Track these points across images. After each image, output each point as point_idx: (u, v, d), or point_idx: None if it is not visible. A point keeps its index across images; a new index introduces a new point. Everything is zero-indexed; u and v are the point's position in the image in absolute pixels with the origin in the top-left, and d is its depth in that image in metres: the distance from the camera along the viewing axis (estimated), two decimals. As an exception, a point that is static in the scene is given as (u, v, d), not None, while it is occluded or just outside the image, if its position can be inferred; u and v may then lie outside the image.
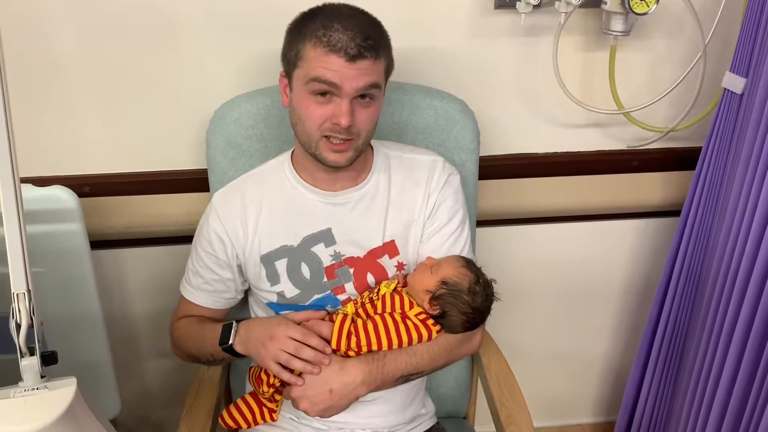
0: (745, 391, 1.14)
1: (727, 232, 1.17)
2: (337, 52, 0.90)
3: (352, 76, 0.91)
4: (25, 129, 1.21)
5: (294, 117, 0.99)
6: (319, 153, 0.98)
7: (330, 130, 0.95)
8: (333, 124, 0.94)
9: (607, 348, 1.69)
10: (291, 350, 0.94)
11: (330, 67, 0.90)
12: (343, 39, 0.90)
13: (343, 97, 0.92)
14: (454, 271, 1.00)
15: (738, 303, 1.14)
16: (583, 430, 1.80)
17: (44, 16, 1.15)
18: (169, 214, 1.31)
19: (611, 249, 1.54)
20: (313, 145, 0.97)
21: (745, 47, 1.15)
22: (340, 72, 0.90)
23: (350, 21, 0.91)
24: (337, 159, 0.97)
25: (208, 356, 1.06)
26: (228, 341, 0.99)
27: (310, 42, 0.91)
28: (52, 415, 0.68)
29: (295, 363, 0.94)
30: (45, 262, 1.11)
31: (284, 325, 0.97)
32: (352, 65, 0.90)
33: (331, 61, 0.90)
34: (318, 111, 0.94)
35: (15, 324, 0.72)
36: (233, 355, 1.01)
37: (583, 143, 1.41)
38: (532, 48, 1.28)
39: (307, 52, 0.92)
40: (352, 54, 0.90)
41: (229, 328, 1.01)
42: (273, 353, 0.94)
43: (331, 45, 0.90)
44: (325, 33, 0.90)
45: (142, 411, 1.58)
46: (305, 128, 0.96)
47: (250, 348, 0.98)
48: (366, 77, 0.92)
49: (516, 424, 1.10)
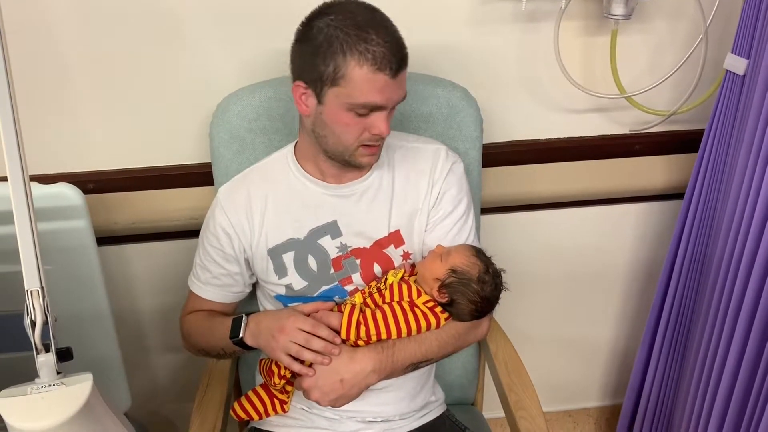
0: (751, 374, 1.14)
1: (731, 214, 1.17)
2: (384, 70, 0.88)
3: (394, 90, 0.92)
4: (28, 127, 1.20)
5: (324, 129, 0.95)
6: (354, 159, 0.98)
7: (369, 140, 0.95)
8: (373, 135, 0.94)
9: (613, 332, 1.70)
10: (301, 341, 0.95)
11: (379, 88, 0.89)
12: (387, 55, 0.88)
13: (385, 110, 0.93)
14: (464, 259, 1.00)
15: (743, 285, 1.14)
16: (590, 414, 1.82)
17: (48, 14, 1.15)
18: (173, 209, 1.32)
19: (615, 233, 1.55)
20: (347, 154, 0.97)
21: (747, 28, 1.14)
22: (386, 91, 0.90)
23: (382, 29, 0.89)
24: (371, 161, 1.00)
25: (219, 350, 1.07)
26: (238, 334, 1.00)
27: (353, 58, 0.87)
28: (69, 411, 0.69)
29: (306, 354, 0.95)
30: (52, 260, 1.11)
31: (293, 317, 0.97)
32: (395, 80, 0.90)
33: (378, 80, 0.89)
34: (358, 126, 0.94)
35: (30, 321, 0.73)
36: (244, 348, 1.01)
37: (586, 128, 1.41)
38: (533, 34, 1.28)
39: (350, 70, 0.88)
40: (395, 69, 0.89)
41: (239, 321, 1.01)
42: (283, 345, 0.95)
43: (377, 62, 0.87)
44: (368, 48, 0.87)
45: (153, 405, 1.59)
46: (341, 141, 0.96)
47: (260, 340, 0.99)
48: (403, 87, 0.94)
49: (525, 409, 1.10)
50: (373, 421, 1.07)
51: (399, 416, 1.09)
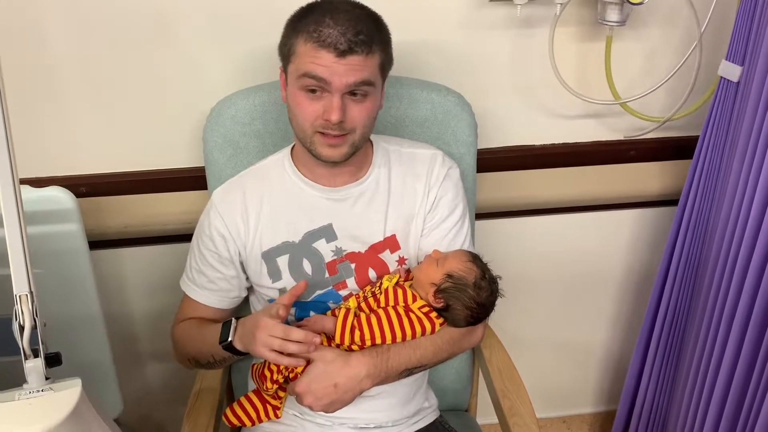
0: (746, 379, 1.14)
1: (725, 220, 1.18)
2: (327, 48, 0.89)
3: (342, 71, 0.90)
4: (20, 130, 1.20)
5: (290, 112, 0.99)
6: (314, 148, 0.97)
7: (322, 126, 0.95)
8: (324, 120, 0.94)
9: (607, 338, 1.70)
10: (280, 334, 0.91)
11: (320, 63, 0.90)
12: (333, 34, 0.89)
13: (333, 92, 0.92)
14: (460, 265, 1.00)
15: (737, 291, 1.14)
16: (585, 420, 1.81)
17: (39, 17, 1.14)
18: (166, 213, 1.31)
19: (609, 239, 1.55)
20: (308, 140, 0.97)
21: (741, 35, 1.15)
22: (329, 68, 0.90)
23: (343, 16, 0.91)
24: (331, 154, 0.97)
25: (209, 357, 1.05)
26: (228, 338, 0.98)
27: (302, 37, 0.92)
28: (58, 417, 0.68)
29: (290, 346, 0.91)
30: (44, 264, 1.10)
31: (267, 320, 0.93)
32: (342, 60, 0.90)
33: (320, 57, 0.90)
34: (310, 107, 0.94)
35: (18, 326, 0.72)
36: (233, 353, 0.99)
37: (580, 134, 1.41)
38: (527, 40, 1.28)
39: (298, 47, 0.92)
40: (342, 49, 0.89)
41: (228, 325, 1.00)
42: (264, 341, 0.91)
43: (321, 40, 0.89)
44: (316, 28, 0.90)
45: (144, 410, 1.57)
46: (299, 123, 0.97)
47: (246, 342, 0.96)
48: (357, 73, 0.91)
49: (519, 415, 1.10)
50: (365, 427, 1.07)
51: (392, 422, 1.08)
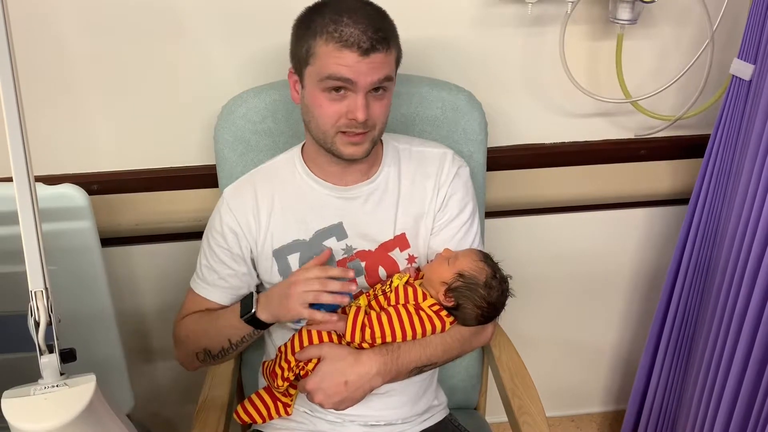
0: (756, 379, 1.14)
1: (736, 220, 1.17)
2: (350, 47, 0.89)
3: (366, 70, 0.91)
4: (33, 128, 1.21)
5: (307, 114, 0.98)
6: (336, 148, 0.97)
7: (346, 125, 0.95)
8: (349, 120, 0.94)
9: (617, 337, 1.69)
10: (317, 287, 0.93)
11: (344, 63, 0.90)
12: (355, 33, 0.89)
13: (358, 91, 0.92)
14: (471, 264, 1.00)
15: (748, 291, 1.14)
16: (594, 419, 1.81)
17: (53, 16, 1.15)
18: (178, 211, 1.32)
19: (619, 238, 1.54)
20: (328, 141, 0.97)
21: (753, 33, 1.14)
22: (354, 67, 0.90)
23: (359, 13, 0.91)
24: (354, 152, 0.98)
25: (224, 343, 1.05)
26: (251, 309, 0.99)
27: (321, 38, 0.91)
28: (72, 412, 0.69)
29: (324, 297, 0.93)
30: (56, 260, 1.10)
31: (301, 270, 0.97)
32: (366, 59, 0.90)
33: (344, 57, 0.90)
34: (332, 108, 0.94)
35: (33, 322, 0.73)
36: (256, 326, 1.00)
37: (591, 133, 1.40)
38: (538, 38, 1.28)
39: (318, 48, 0.91)
40: (365, 48, 0.89)
41: (250, 298, 1.01)
42: (299, 296, 0.93)
43: (344, 40, 0.89)
44: (336, 28, 0.90)
45: (155, 407, 1.58)
46: (319, 125, 0.96)
47: (272, 307, 0.97)
48: (380, 70, 0.92)
49: (529, 414, 1.10)
50: (375, 425, 1.07)
51: (401, 420, 1.09)
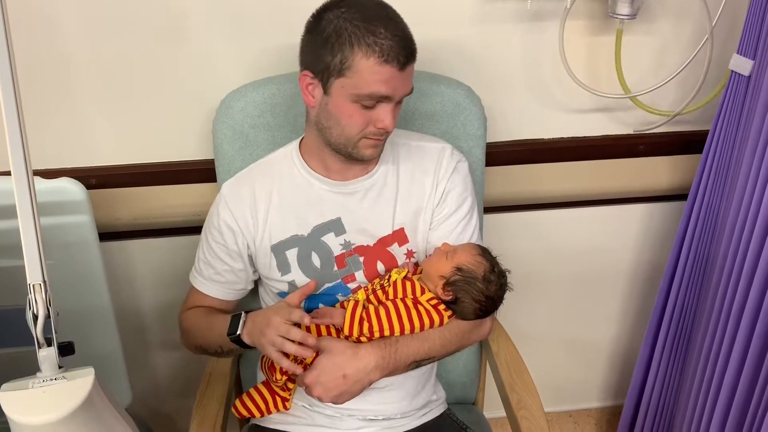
0: (754, 376, 1.14)
1: (734, 216, 1.17)
2: (391, 63, 0.89)
3: (402, 83, 0.92)
4: (32, 122, 1.21)
5: (329, 120, 0.96)
6: (357, 151, 0.98)
7: (374, 133, 0.95)
8: (378, 128, 0.94)
9: (615, 333, 1.70)
10: (283, 333, 0.91)
11: (384, 79, 0.90)
12: (395, 47, 0.88)
13: (391, 103, 0.93)
14: (470, 258, 1.00)
15: (746, 287, 1.14)
16: (591, 415, 1.81)
17: (52, 10, 1.15)
18: (176, 205, 1.31)
19: (618, 234, 1.54)
20: (350, 146, 0.97)
21: (753, 28, 1.14)
22: (391, 83, 0.90)
23: (391, 24, 0.90)
24: (374, 153, 0.99)
25: (217, 347, 1.06)
26: (236, 331, 0.98)
27: (360, 50, 0.88)
28: (71, 405, 0.69)
29: (288, 347, 0.91)
30: (54, 255, 1.10)
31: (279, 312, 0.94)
32: (403, 73, 0.91)
33: (385, 72, 0.89)
34: (363, 117, 0.94)
35: (32, 315, 0.73)
36: (241, 346, 1.00)
37: (590, 128, 1.40)
38: (537, 33, 1.28)
39: (357, 62, 0.88)
40: (404, 62, 0.90)
41: (238, 319, 1.00)
42: (271, 339, 0.92)
43: (385, 55, 0.88)
44: (376, 41, 0.88)
45: (154, 401, 1.59)
46: (344, 132, 0.96)
47: (253, 337, 0.97)
48: (411, 81, 0.94)
49: (527, 409, 1.10)
50: (374, 419, 1.07)
51: (400, 415, 1.09)
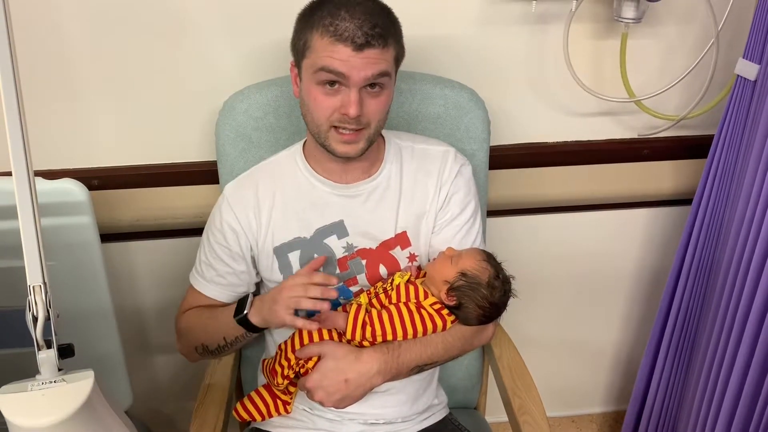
0: (758, 382, 1.13)
1: (739, 221, 1.17)
2: (344, 41, 0.89)
3: (359, 65, 0.90)
4: (34, 122, 1.20)
5: (303, 107, 0.98)
6: (329, 144, 0.97)
7: (339, 120, 0.94)
8: (342, 115, 0.93)
9: (618, 337, 1.69)
10: (300, 292, 0.94)
11: (337, 57, 0.89)
12: (350, 27, 0.89)
13: (351, 86, 0.91)
14: (474, 264, 0.99)
15: (751, 292, 1.13)
16: (594, 420, 1.80)
17: (54, 10, 1.15)
18: (178, 207, 1.31)
19: (622, 238, 1.54)
20: (322, 135, 0.97)
21: (759, 33, 1.13)
22: (347, 61, 0.89)
23: (358, 8, 0.90)
24: (347, 150, 0.97)
25: (219, 340, 1.05)
26: (244, 310, 0.99)
27: (317, 31, 0.91)
28: (70, 408, 0.68)
29: (305, 302, 0.93)
30: (55, 255, 1.11)
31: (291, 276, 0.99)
32: (360, 54, 0.89)
33: (338, 51, 0.89)
34: (326, 101, 0.93)
35: (32, 317, 0.72)
36: (247, 329, 1.00)
37: (594, 132, 1.40)
38: (542, 36, 1.27)
39: (314, 41, 0.91)
40: (360, 43, 0.89)
41: (245, 300, 1.01)
42: (285, 302, 0.94)
43: (338, 34, 0.89)
44: (332, 22, 0.89)
45: (154, 404, 1.58)
46: (314, 118, 0.96)
47: (263, 311, 0.98)
48: (374, 66, 0.91)
49: (529, 414, 1.09)
50: (375, 423, 1.06)
51: (401, 419, 1.08)
